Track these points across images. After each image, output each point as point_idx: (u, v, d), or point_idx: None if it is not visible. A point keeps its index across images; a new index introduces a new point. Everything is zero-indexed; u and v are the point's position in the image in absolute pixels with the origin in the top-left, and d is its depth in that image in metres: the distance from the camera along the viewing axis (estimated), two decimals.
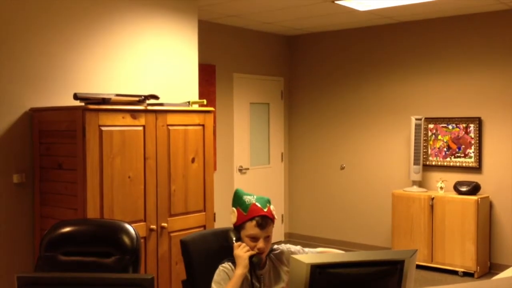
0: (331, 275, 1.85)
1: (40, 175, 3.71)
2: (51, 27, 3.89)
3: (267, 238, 2.53)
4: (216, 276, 2.51)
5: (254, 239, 2.50)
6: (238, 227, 2.56)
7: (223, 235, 2.75)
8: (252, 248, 2.50)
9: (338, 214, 7.35)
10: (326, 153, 7.43)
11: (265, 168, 7.41)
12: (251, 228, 2.51)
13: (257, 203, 2.55)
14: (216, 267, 2.56)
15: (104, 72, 4.21)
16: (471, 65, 6.26)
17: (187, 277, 2.71)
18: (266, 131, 7.46)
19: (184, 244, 2.71)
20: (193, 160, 4.03)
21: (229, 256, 2.57)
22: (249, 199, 2.57)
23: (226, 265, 2.53)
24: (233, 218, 2.58)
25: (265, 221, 2.52)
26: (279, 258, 2.65)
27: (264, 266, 2.58)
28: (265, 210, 2.55)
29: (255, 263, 2.49)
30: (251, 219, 2.51)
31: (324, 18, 6.41)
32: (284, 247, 2.70)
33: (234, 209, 2.58)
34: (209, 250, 2.74)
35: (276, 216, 2.62)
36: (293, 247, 2.71)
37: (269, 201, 2.61)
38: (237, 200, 2.60)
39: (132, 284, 1.78)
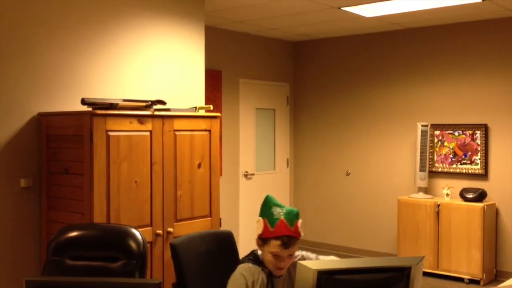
0: (338, 282, 1.85)
1: (47, 179, 3.73)
2: (58, 32, 3.91)
3: (290, 255, 2.45)
4: (232, 280, 2.45)
5: (277, 257, 2.42)
6: (263, 239, 2.46)
7: (210, 238, 2.86)
8: (274, 265, 2.43)
9: (344, 220, 7.34)
10: (332, 159, 7.43)
11: (270, 174, 7.41)
12: (275, 246, 2.41)
13: (285, 220, 2.43)
14: (204, 269, 2.60)
15: (112, 78, 4.23)
16: (478, 71, 6.25)
17: (177, 280, 2.76)
18: (271, 137, 7.46)
19: (173, 247, 2.76)
20: (199, 166, 4.04)
21: (220, 258, 2.58)
22: (278, 212, 2.45)
23: (245, 266, 2.47)
24: (259, 229, 2.46)
25: (290, 241, 2.41)
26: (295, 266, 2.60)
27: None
28: (292, 228, 2.43)
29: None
30: (276, 238, 2.41)
31: (330, 24, 6.42)
32: (304, 254, 2.63)
33: (261, 219, 2.47)
34: (198, 253, 2.81)
35: (302, 233, 2.50)
36: (309, 254, 2.64)
37: (297, 215, 2.48)
38: (266, 210, 2.48)
39: None
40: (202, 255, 2.81)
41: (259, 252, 2.55)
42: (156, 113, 3.76)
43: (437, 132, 6.48)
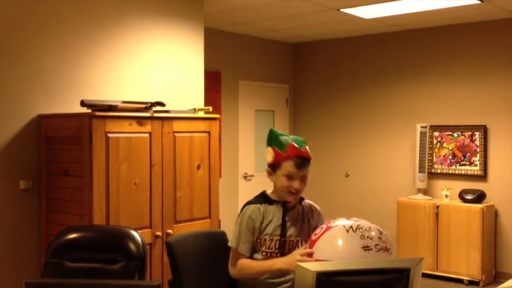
0: (337, 283, 1.85)
1: (47, 181, 3.73)
2: (58, 34, 3.92)
3: (303, 177, 2.55)
4: (240, 221, 2.58)
5: (290, 177, 2.52)
6: (274, 166, 2.57)
7: (204, 237, 2.97)
8: (287, 189, 2.53)
9: None
10: (331, 161, 7.43)
11: None
12: (288, 167, 2.52)
13: (294, 143, 2.55)
14: (199, 267, 2.70)
15: (111, 79, 4.23)
16: (476, 73, 6.26)
17: (173, 277, 2.80)
18: None
19: (169, 246, 2.80)
20: (198, 167, 4.04)
21: (214, 257, 2.67)
22: (285, 139, 2.57)
23: (254, 207, 2.58)
24: (269, 158, 2.57)
25: (303, 161, 2.53)
26: (310, 209, 2.68)
27: (294, 207, 2.61)
28: (302, 149, 2.55)
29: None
30: (289, 159, 2.52)
31: (329, 25, 6.43)
32: (312, 203, 2.73)
33: (270, 148, 2.58)
34: (193, 251, 2.87)
35: (311, 156, 2.61)
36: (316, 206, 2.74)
37: (305, 142, 2.60)
38: (273, 139, 2.59)
39: None
40: (197, 253, 2.87)
41: (269, 192, 2.65)
42: (156, 114, 3.77)
43: (436, 133, 6.48)
